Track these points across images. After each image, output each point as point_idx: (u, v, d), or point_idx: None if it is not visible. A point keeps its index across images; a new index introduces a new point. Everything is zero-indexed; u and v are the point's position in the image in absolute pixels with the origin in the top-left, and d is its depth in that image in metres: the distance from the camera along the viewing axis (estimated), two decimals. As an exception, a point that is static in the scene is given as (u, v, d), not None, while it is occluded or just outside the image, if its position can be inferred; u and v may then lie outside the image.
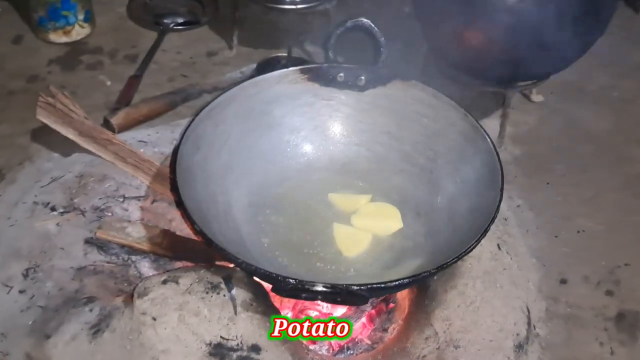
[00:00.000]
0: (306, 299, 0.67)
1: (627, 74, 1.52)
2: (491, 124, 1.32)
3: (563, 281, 1.05)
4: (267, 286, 0.83)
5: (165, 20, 1.54)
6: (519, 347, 0.87)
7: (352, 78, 1.00)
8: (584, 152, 1.30)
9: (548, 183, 1.23)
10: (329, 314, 0.93)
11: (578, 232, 1.13)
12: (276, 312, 0.82)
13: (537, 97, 1.42)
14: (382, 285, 0.68)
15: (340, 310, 0.92)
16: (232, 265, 0.81)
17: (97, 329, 0.81)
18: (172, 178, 0.81)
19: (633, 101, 1.44)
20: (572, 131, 1.36)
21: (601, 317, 1.00)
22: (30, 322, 0.85)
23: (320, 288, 0.64)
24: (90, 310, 0.84)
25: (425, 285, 0.89)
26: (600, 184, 1.23)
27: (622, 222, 1.15)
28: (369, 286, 0.67)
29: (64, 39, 1.48)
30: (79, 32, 1.49)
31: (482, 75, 1.16)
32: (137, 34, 1.54)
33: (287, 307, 0.92)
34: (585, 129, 1.36)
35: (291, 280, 0.67)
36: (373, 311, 0.95)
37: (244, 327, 0.77)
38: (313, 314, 0.93)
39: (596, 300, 1.02)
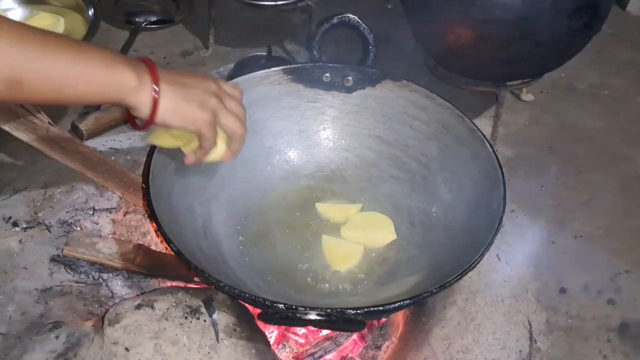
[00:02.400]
0: (297, 325, 0.61)
1: (616, 72, 1.49)
2: (482, 124, 1.26)
3: (562, 290, 1.00)
4: (252, 308, 0.77)
5: (138, 19, 1.46)
6: (522, 365, 0.82)
7: (339, 78, 0.94)
8: (577, 153, 1.26)
9: (542, 186, 1.18)
10: (317, 331, 0.87)
11: (575, 237, 1.09)
12: (262, 336, 0.75)
13: (527, 96, 1.38)
14: (381, 308, 0.62)
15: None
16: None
17: (63, 359, 0.73)
18: (145, 190, 0.74)
19: (624, 99, 1.41)
20: (564, 131, 1.32)
21: (604, 328, 0.96)
22: (-11, 352, 0.78)
23: (313, 316, 0.58)
24: (57, 337, 0.77)
25: (423, 302, 0.83)
26: (595, 186, 1.19)
27: (619, 226, 1.11)
28: (365, 310, 0.61)
29: (28, 39, 1.39)
30: (45, 31, 1.40)
31: (475, 74, 1.11)
32: (108, 33, 1.46)
33: (272, 325, 0.86)
34: (577, 128, 1.33)
35: (280, 306, 0.60)
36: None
37: (227, 356, 0.70)
38: (301, 331, 0.87)
39: (597, 310, 0.98)
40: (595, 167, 1.23)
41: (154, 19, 1.48)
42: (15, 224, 0.93)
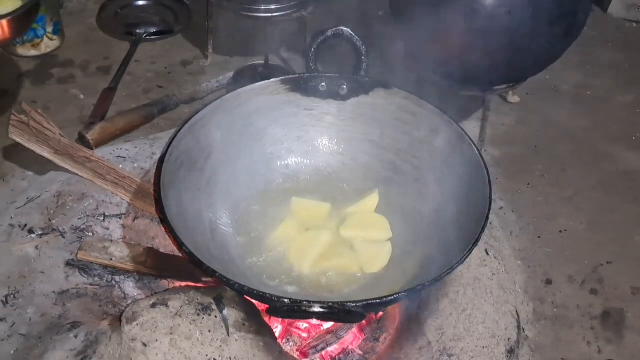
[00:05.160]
0: (302, 318, 0.66)
1: (598, 73, 1.54)
2: (470, 126, 1.33)
3: (548, 282, 1.06)
4: (259, 304, 0.82)
5: (138, 30, 1.50)
6: (511, 352, 0.88)
7: (334, 87, 0.99)
8: (562, 152, 1.32)
9: (529, 184, 1.24)
10: (319, 326, 0.92)
11: (560, 232, 1.15)
12: (269, 330, 0.81)
13: (513, 98, 1.43)
14: (378, 301, 0.68)
15: (330, 322, 0.92)
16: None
17: (83, 356, 0.79)
18: (156, 196, 0.79)
19: (606, 99, 1.47)
20: (549, 131, 1.37)
21: (587, 317, 1.01)
22: (12, 352, 0.83)
23: (317, 309, 0.63)
24: (75, 337, 0.81)
25: (417, 295, 0.88)
26: (579, 183, 1.25)
27: (602, 221, 1.17)
28: (364, 303, 0.67)
29: (33, 52, 1.44)
30: (48, 44, 1.45)
31: (462, 80, 1.16)
32: (109, 44, 1.50)
33: (277, 320, 0.91)
34: (562, 128, 1.38)
35: (286, 301, 0.65)
36: (363, 321, 0.94)
37: (238, 348, 0.76)
38: (303, 326, 0.93)
39: (581, 299, 1.04)
40: (578, 164, 1.29)
41: (153, 30, 1.52)
42: (31, 231, 0.98)
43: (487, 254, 0.96)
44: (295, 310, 0.64)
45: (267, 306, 0.68)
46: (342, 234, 0.93)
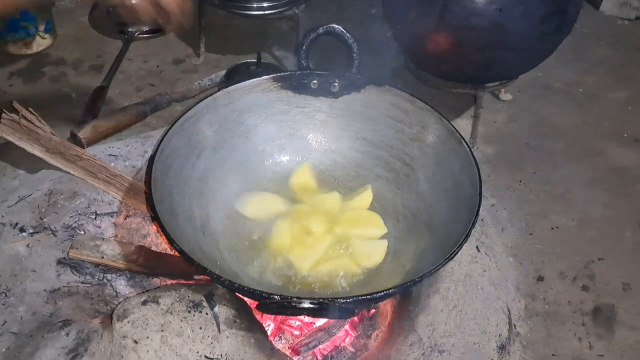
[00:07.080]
0: (292, 314, 0.66)
1: (590, 70, 1.55)
2: (462, 124, 1.34)
3: (540, 278, 1.07)
4: (250, 301, 0.82)
5: (130, 29, 1.50)
6: (502, 348, 0.88)
7: (326, 84, 0.99)
8: (553, 149, 1.33)
9: (520, 181, 1.25)
10: (311, 323, 0.92)
11: (552, 228, 1.15)
12: (260, 327, 0.81)
13: (505, 96, 1.44)
14: (369, 297, 0.68)
15: (322, 320, 0.92)
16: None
17: (75, 354, 0.78)
18: (147, 194, 0.79)
19: (597, 96, 1.48)
20: (541, 128, 1.38)
21: (578, 313, 1.02)
22: (3, 350, 0.82)
23: (306, 305, 0.63)
24: (67, 335, 0.81)
25: (408, 291, 0.89)
26: (570, 179, 1.25)
27: (593, 217, 1.17)
28: (354, 299, 0.67)
29: (25, 51, 1.43)
30: (40, 43, 1.44)
31: (454, 77, 1.17)
32: (101, 43, 1.50)
33: (268, 318, 0.91)
34: (553, 125, 1.39)
35: (276, 297, 0.66)
36: (355, 318, 0.94)
37: (229, 345, 0.76)
38: (295, 323, 0.93)
39: (573, 295, 1.04)
40: (570, 161, 1.29)
41: (146, 28, 1.52)
42: (22, 230, 0.97)
43: (478, 250, 0.96)
44: (285, 306, 0.64)
45: (258, 303, 0.68)
46: (337, 232, 0.93)
